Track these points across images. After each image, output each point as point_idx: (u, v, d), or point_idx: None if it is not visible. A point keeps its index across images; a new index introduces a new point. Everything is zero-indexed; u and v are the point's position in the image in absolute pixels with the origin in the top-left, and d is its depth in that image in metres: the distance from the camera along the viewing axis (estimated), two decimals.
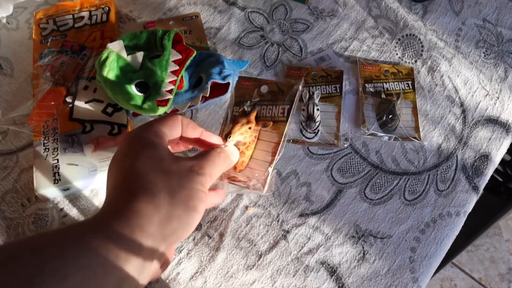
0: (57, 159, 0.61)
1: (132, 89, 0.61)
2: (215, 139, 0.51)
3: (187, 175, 0.41)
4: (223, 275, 0.57)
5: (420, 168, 0.65)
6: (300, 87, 0.56)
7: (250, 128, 0.53)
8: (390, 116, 0.66)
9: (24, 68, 0.73)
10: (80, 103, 0.65)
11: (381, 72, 0.70)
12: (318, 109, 0.65)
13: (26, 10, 0.79)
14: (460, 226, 0.62)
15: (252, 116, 0.55)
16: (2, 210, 0.62)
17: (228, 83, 0.65)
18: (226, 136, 0.52)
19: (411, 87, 0.69)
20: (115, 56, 0.61)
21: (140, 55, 0.63)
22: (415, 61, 0.73)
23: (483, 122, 0.68)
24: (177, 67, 0.64)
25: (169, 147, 0.46)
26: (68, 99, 0.65)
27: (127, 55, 0.62)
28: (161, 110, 0.61)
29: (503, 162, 1.24)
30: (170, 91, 0.62)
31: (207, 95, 0.64)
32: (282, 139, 0.53)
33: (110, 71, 0.60)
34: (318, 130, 0.65)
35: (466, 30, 0.76)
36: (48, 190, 0.60)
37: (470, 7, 0.79)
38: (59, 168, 0.60)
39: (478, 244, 1.67)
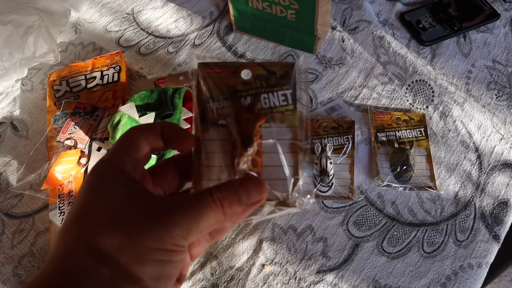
0: None
1: None
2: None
3: (136, 228, 0.27)
4: None
5: (437, 218, 0.63)
6: (301, 62, 0.39)
7: (260, 126, 0.39)
8: (405, 167, 0.65)
9: (39, 129, 0.74)
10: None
11: (392, 120, 0.70)
12: (331, 162, 0.65)
13: (40, 71, 0.80)
14: (483, 278, 0.60)
15: (256, 109, 0.39)
16: (19, 275, 0.62)
17: None
18: (245, 142, 0.37)
19: (424, 134, 0.69)
20: (127, 118, 0.61)
21: (151, 116, 0.64)
22: (427, 107, 0.72)
23: (500, 167, 0.67)
24: (189, 125, 0.65)
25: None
26: (82, 161, 0.66)
27: (139, 115, 0.63)
28: None
29: None
30: None
31: None
32: (299, 134, 0.38)
33: None
34: (332, 184, 0.64)
35: (476, 72, 0.76)
36: None
37: (479, 49, 0.79)
38: None
39: (502, 275, 1.62)
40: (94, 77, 0.74)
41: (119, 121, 0.61)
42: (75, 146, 0.66)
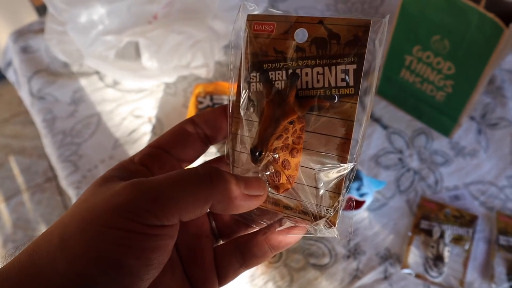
0: None
1: None
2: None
3: (104, 201, 0.24)
4: None
5: None
6: (384, 23, 0.27)
7: (291, 123, 0.28)
8: None
9: None
10: None
11: None
12: (449, 251, 0.64)
13: (185, 80, 0.86)
14: None
15: (291, 97, 0.29)
16: None
17: (364, 201, 0.66)
18: (255, 152, 0.28)
19: None
20: None
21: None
22: None
23: None
24: None
25: None
26: None
27: None
28: None
29: None
30: None
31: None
32: (354, 131, 0.29)
33: None
34: (444, 272, 0.63)
35: None
36: None
37: None
38: None
39: None
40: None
41: None
42: None
